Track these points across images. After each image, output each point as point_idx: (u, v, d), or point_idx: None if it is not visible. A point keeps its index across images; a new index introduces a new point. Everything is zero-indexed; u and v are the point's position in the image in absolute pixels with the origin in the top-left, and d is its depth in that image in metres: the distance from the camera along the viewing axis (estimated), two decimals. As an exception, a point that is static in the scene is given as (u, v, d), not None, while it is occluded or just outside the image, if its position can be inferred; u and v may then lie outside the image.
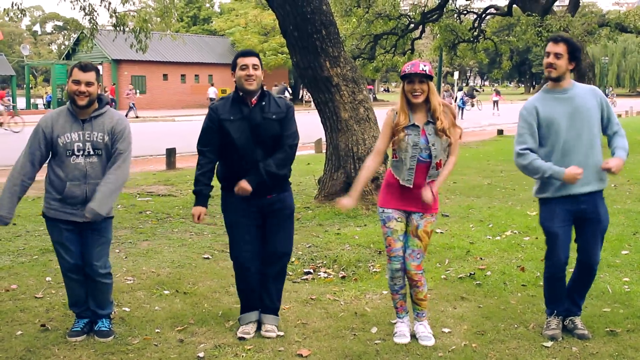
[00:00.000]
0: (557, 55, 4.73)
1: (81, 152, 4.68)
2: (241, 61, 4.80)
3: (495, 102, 41.81)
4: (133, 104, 39.15)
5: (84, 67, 4.66)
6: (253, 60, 4.82)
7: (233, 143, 4.77)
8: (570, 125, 4.75)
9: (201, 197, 4.87)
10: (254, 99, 4.82)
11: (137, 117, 37.52)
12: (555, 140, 4.77)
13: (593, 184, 4.80)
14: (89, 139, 4.68)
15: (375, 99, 57.72)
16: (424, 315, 4.96)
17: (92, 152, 4.69)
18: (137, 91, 45.20)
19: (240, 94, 4.84)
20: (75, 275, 4.87)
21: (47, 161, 4.78)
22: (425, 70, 4.54)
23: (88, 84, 4.62)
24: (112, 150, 4.74)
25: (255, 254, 4.95)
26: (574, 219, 4.86)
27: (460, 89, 44.00)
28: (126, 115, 37.45)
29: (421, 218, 4.78)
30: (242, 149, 4.78)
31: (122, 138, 4.75)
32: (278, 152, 4.85)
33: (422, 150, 4.67)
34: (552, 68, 4.76)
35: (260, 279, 5.03)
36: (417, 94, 4.58)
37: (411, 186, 4.71)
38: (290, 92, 50.22)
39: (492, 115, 38.16)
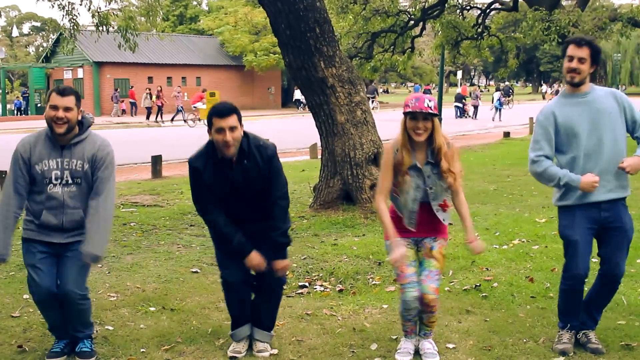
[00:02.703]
0: (581, 60, 4.72)
1: (59, 181, 4.67)
2: (217, 123, 4.62)
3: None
4: (181, 107, 37.85)
5: (62, 92, 4.63)
6: (230, 122, 4.61)
7: (220, 198, 4.80)
8: (591, 131, 4.75)
9: (246, 245, 4.81)
10: (234, 159, 4.74)
11: (185, 120, 36.10)
12: (577, 147, 4.79)
13: (615, 191, 4.81)
14: (67, 167, 4.66)
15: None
16: (431, 333, 4.96)
17: (70, 181, 4.68)
18: (184, 93, 44.34)
19: (219, 155, 4.76)
20: (48, 303, 4.76)
21: None
22: (430, 107, 4.49)
23: (66, 109, 4.57)
24: (93, 178, 4.71)
25: (243, 269, 4.93)
26: (596, 229, 4.85)
27: (497, 89, 44.38)
28: (172, 120, 36.93)
29: (434, 241, 4.79)
30: (229, 202, 4.82)
31: (104, 166, 4.72)
32: (275, 209, 4.84)
33: (424, 191, 4.68)
34: (576, 73, 4.74)
35: (255, 298, 5.05)
36: (419, 132, 4.55)
37: (414, 229, 4.74)
38: (379, 92, 49.51)
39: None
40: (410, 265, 4.74)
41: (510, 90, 56.00)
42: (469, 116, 41.82)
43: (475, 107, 41.52)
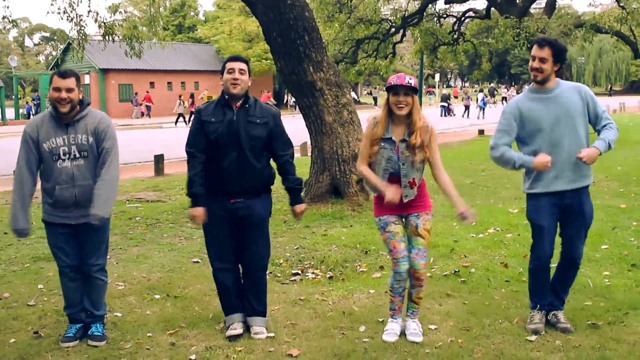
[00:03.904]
0: (542, 60, 4.73)
1: (67, 156, 4.67)
2: (229, 65, 4.81)
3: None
4: (192, 112, 37.78)
5: (63, 74, 4.66)
6: (240, 65, 4.82)
7: (216, 144, 4.76)
8: (555, 124, 4.76)
9: (199, 197, 4.81)
10: (238, 103, 4.81)
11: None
12: (540, 140, 4.80)
13: (578, 181, 4.83)
14: (73, 142, 4.67)
15: (358, 102, 57.76)
16: (417, 312, 4.97)
17: (77, 155, 4.68)
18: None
19: (226, 97, 4.83)
20: (72, 273, 4.87)
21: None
22: (410, 83, 4.51)
23: (68, 90, 4.61)
24: (98, 150, 4.73)
25: (228, 257, 4.96)
26: (559, 214, 4.89)
27: (480, 91, 44.90)
28: (189, 120, 36.76)
29: (418, 218, 4.78)
30: (223, 150, 4.76)
31: (106, 137, 4.74)
32: (287, 166, 4.99)
33: (395, 165, 4.67)
34: (538, 72, 4.76)
35: (243, 284, 5.06)
36: (401, 105, 4.55)
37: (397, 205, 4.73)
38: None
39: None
40: (401, 241, 4.75)
41: (495, 91, 56.51)
42: (454, 115, 42.11)
43: (467, 107, 41.84)
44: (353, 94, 54.26)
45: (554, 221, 4.90)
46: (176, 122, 36.65)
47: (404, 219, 4.83)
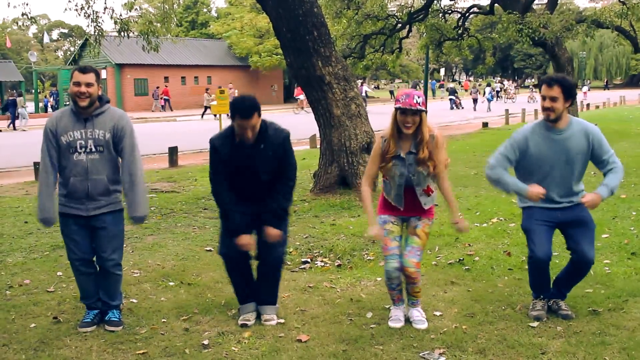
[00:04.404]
0: (553, 99, 4.61)
1: (83, 149, 4.67)
2: (236, 120, 4.55)
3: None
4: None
5: (84, 70, 4.66)
6: (252, 121, 4.55)
7: (233, 174, 4.75)
8: (558, 165, 4.73)
9: (241, 227, 4.75)
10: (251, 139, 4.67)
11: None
12: (542, 175, 4.77)
13: (567, 202, 4.82)
14: (91, 136, 4.67)
15: (366, 97, 57.64)
16: (418, 302, 4.96)
17: (93, 149, 4.68)
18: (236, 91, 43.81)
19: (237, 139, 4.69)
20: (83, 268, 4.87)
21: None
22: (419, 104, 4.44)
23: (88, 84, 4.61)
24: (119, 147, 4.73)
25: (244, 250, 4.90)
26: (556, 225, 4.83)
27: (488, 85, 45.04)
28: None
29: (419, 220, 4.77)
30: (242, 181, 4.76)
31: (126, 134, 4.73)
32: (282, 186, 4.80)
33: (407, 178, 4.64)
34: (550, 111, 4.64)
35: (256, 275, 5.04)
36: (408, 125, 4.50)
37: (402, 209, 4.73)
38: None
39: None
40: (393, 240, 4.74)
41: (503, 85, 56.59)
42: (462, 107, 42.10)
43: (475, 100, 41.80)
44: (365, 87, 54.45)
45: (546, 227, 4.80)
46: (203, 114, 35.91)
47: (405, 223, 4.82)
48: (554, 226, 4.84)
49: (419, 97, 4.48)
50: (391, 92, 62.03)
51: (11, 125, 30.46)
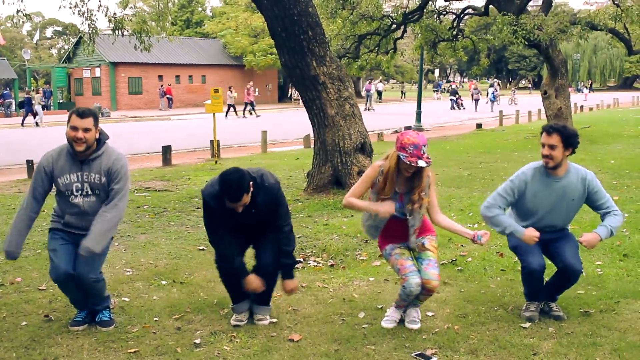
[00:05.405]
0: (552, 147, 4.65)
1: (79, 192, 4.65)
2: (229, 204, 4.50)
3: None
4: (251, 102, 36.80)
5: (82, 114, 4.55)
6: (237, 204, 4.48)
7: (229, 227, 4.74)
8: (553, 210, 4.82)
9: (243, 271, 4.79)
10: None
11: (258, 115, 35.74)
12: (537, 218, 4.86)
13: (556, 234, 4.93)
14: (87, 180, 4.64)
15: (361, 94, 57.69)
16: (419, 304, 4.95)
17: (90, 192, 4.66)
18: (256, 89, 42.77)
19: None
20: (65, 282, 4.72)
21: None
22: (426, 155, 4.39)
23: (85, 130, 4.52)
24: (109, 189, 4.67)
25: (238, 250, 4.85)
26: (542, 244, 4.85)
27: (491, 85, 45.32)
28: (245, 110, 36.22)
29: (423, 238, 4.77)
30: (239, 231, 4.79)
31: (118, 178, 4.66)
32: (279, 236, 4.77)
33: (398, 212, 4.63)
34: (549, 159, 4.69)
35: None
36: (410, 171, 4.50)
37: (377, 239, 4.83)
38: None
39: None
40: (407, 259, 4.72)
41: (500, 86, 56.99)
42: (464, 108, 42.25)
43: (476, 101, 41.91)
44: (379, 84, 54.75)
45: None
46: (226, 113, 35.03)
47: (409, 247, 4.80)
48: (540, 243, 4.85)
49: (424, 147, 4.42)
50: (402, 93, 62.73)
51: (34, 121, 31.15)
